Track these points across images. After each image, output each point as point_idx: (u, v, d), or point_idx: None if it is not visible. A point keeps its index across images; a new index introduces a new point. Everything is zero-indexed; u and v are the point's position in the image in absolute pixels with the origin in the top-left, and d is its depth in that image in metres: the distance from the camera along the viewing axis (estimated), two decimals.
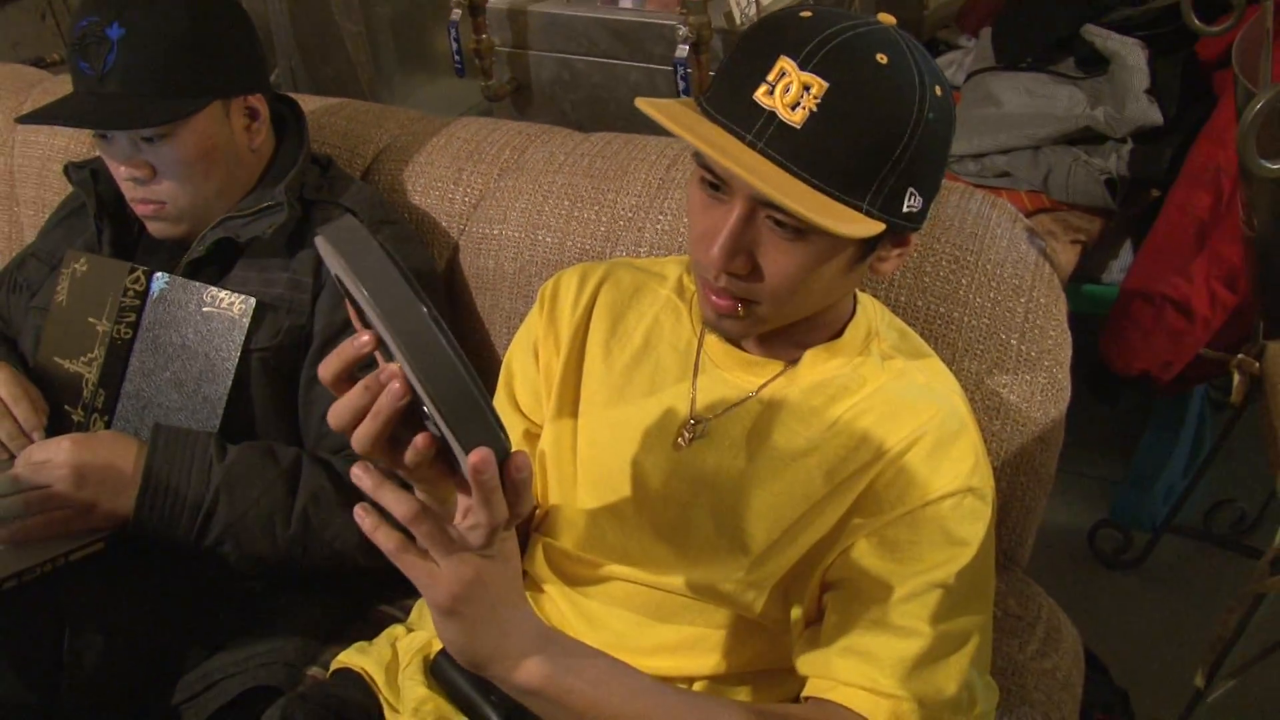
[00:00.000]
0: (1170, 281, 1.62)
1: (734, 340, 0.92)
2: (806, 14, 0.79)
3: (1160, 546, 1.91)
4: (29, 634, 1.03)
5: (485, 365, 1.40)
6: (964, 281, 1.08)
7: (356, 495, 0.68)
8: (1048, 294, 1.08)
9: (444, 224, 1.39)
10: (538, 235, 1.32)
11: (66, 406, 1.24)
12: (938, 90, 0.79)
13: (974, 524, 0.86)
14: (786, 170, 0.76)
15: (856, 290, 0.97)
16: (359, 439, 0.65)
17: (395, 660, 1.03)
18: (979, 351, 1.07)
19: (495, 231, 1.35)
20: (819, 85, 0.75)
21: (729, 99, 0.78)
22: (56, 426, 1.22)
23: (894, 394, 0.91)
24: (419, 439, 0.64)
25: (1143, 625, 1.83)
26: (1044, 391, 1.05)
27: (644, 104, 0.78)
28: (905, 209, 0.80)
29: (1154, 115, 1.67)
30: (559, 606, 1.00)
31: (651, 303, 1.02)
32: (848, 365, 0.93)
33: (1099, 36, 1.77)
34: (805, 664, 0.85)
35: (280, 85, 2.43)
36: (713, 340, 0.96)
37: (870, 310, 0.97)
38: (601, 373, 1.00)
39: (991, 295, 1.07)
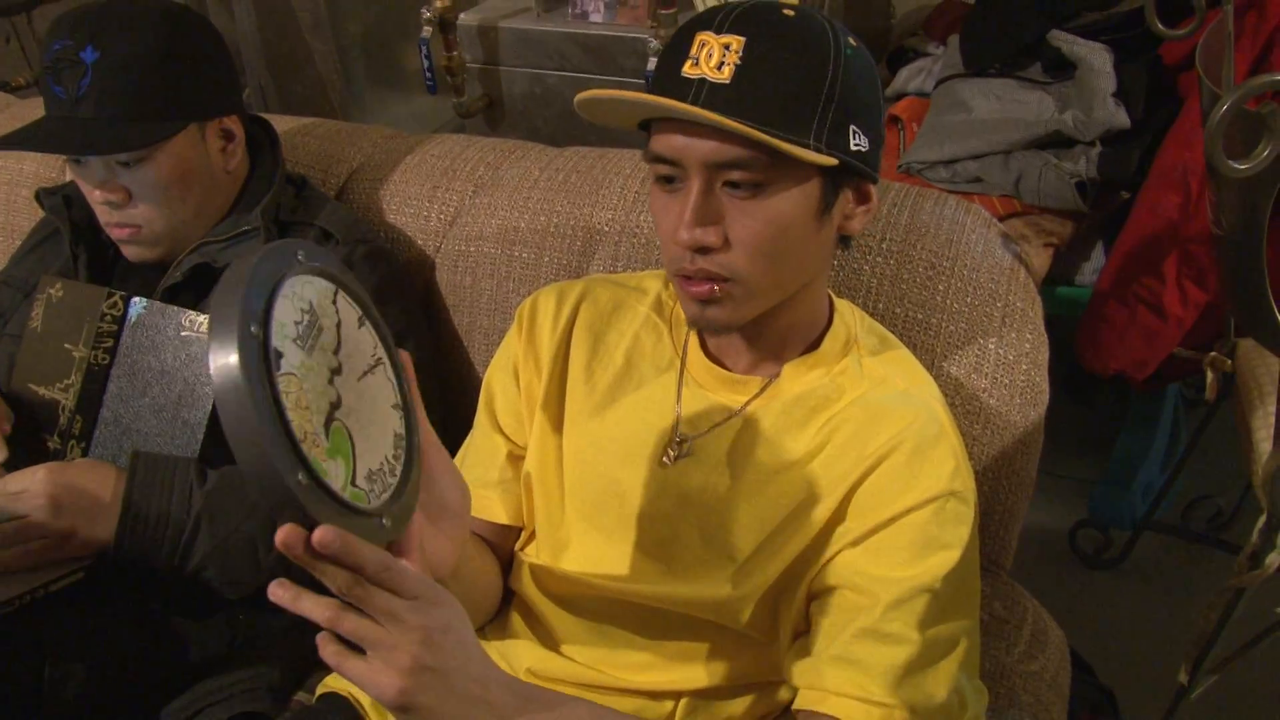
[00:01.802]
0: (1142, 281, 1.64)
1: (721, 331, 0.90)
2: (716, 2, 0.84)
3: (1139, 545, 1.93)
4: (8, 666, 1.02)
5: (465, 383, 1.39)
6: (941, 287, 1.09)
7: None
8: (1024, 298, 1.09)
9: (420, 241, 1.39)
10: (514, 251, 1.32)
11: (44, 434, 1.23)
12: (851, 40, 0.84)
13: (957, 528, 0.87)
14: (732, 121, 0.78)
15: (833, 296, 0.98)
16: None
17: None
18: (958, 356, 1.08)
19: (472, 248, 1.35)
20: (737, 41, 0.80)
21: (663, 84, 0.83)
22: (33, 455, 1.20)
23: (873, 402, 0.91)
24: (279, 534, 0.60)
25: (1125, 623, 1.85)
26: (1022, 394, 1.06)
27: (584, 95, 0.83)
28: (853, 146, 0.83)
29: (1121, 118, 1.69)
30: (548, 625, 1.00)
31: (631, 321, 1.02)
32: (827, 376, 0.93)
33: (1065, 42, 1.79)
34: (796, 675, 0.85)
35: (251, 104, 2.42)
36: (695, 359, 0.97)
37: (848, 316, 0.97)
38: (584, 393, 1.00)
39: (969, 300, 1.08)
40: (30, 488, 1.04)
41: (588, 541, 0.98)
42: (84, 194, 1.19)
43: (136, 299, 1.20)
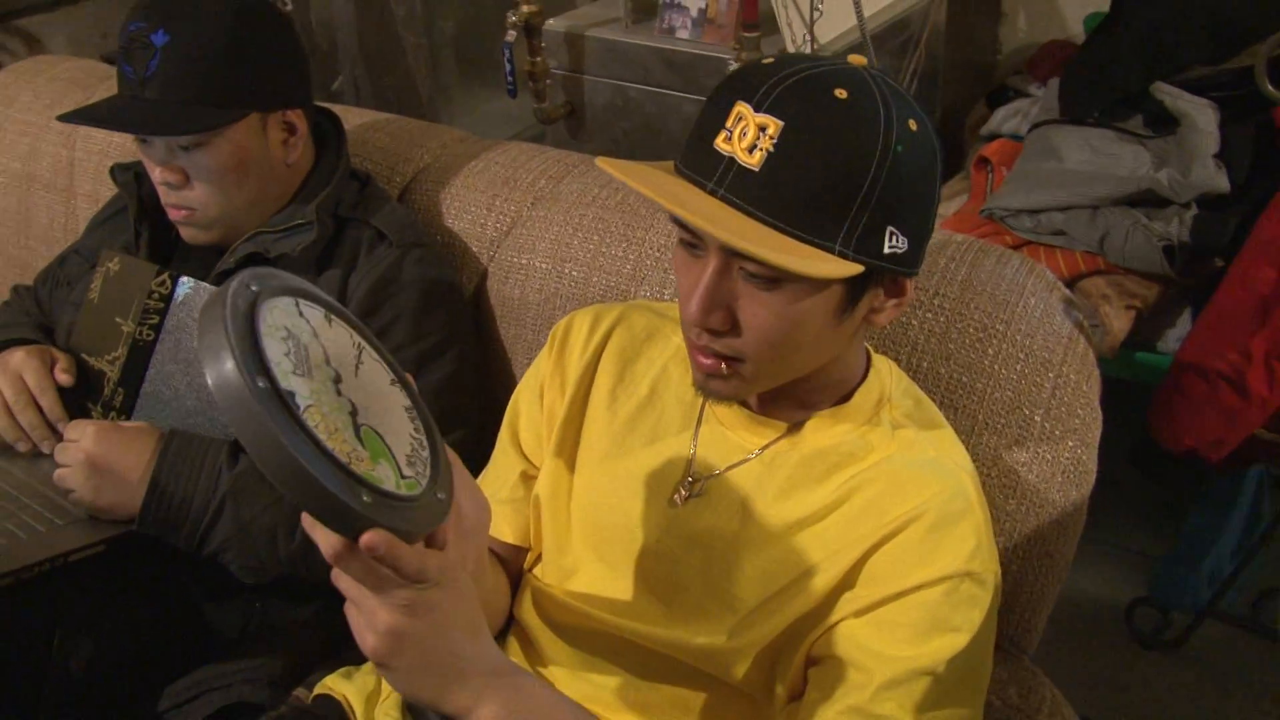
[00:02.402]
0: (1226, 356, 1.55)
1: (724, 402, 0.89)
2: (768, 60, 0.78)
3: (1201, 631, 1.82)
4: (19, 633, 1.05)
5: (506, 396, 1.37)
6: (990, 351, 1.04)
7: None
8: (1079, 370, 1.04)
9: (474, 249, 1.39)
10: (564, 268, 1.31)
11: (89, 403, 1.26)
12: (911, 124, 0.76)
13: (970, 611, 0.82)
14: (749, 215, 0.74)
15: (871, 351, 0.94)
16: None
17: (378, 691, 1.02)
18: (999, 426, 1.02)
19: (524, 261, 1.34)
20: (774, 125, 0.73)
21: (694, 151, 0.77)
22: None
23: (899, 466, 0.87)
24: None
25: (1176, 712, 1.75)
26: (1065, 473, 1.01)
27: (606, 164, 0.77)
28: (887, 249, 0.77)
29: (1221, 182, 1.60)
30: (541, 651, 0.99)
31: (662, 350, 1.00)
32: (854, 432, 0.90)
33: (1169, 95, 1.71)
34: None
35: (343, 94, 2.46)
36: None
37: (885, 375, 0.93)
38: (605, 420, 0.98)
39: (1018, 368, 1.03)
40: (80, 441, 1.08)
41: (593, 571, 0.96)
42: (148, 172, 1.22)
43: (185, 279, 1.22)
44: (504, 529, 1.02)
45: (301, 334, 0.64)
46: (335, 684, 1.03)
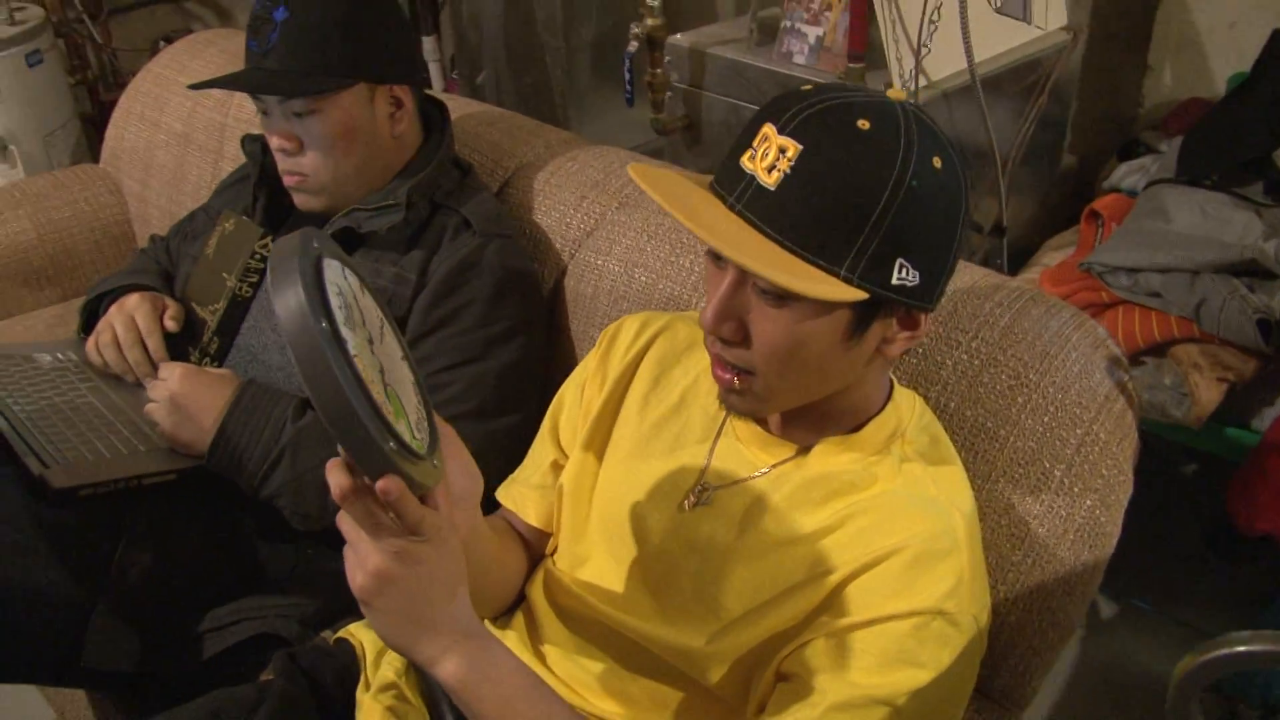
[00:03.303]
0: None
1: (743, 416, 0.93)
2: (807, 87, 0.81)
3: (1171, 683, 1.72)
4: (88, 537, 1.16)
5: None
6: (1020, 400, 1.04)
7: None
8: (1111, 431, 1.02)
9: (558, 245, 1.45)
10: (634, 273, 1.36)
11: (189, 347, 1.39)
12: (935, 161, 0.78)
13: (938, 650, 0.83)
14: (761, 233, 0.77)
15: (896, 384, 0.95)
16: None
17: None
18: (1017, 475, 1.02)
19: (599, 262, 1.40)
20: (794, 148, 0.76)
21: (724, 167, 0.82)
22: (176, 359, 1.36)
23: (896, 500, 0.89)
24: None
25: None
26: (1079, 531, 0.99)
27: (635, 171, 0.82)
28: (896, 280, 0.78)
29: None
30: (542, 632, 1.04)
31: (698, 361, 1.04)
32: (860, 461, 0.91)
33: None
34: None
35: (484, 89, 2.58)
36: None
37: (904, 409, 0.95)
38: (635, 422, 1.03)
39: (1045, 419, 1.02)
40: (168, 379, 1.19)
41: (602, 563, 1.01)
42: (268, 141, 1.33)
43: None
44: (529, 511, 1.07)
45: (347, 294, 0.71)
46: (356, 630, 1.10)
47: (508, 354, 1.27)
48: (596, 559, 1.01)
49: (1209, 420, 1.62)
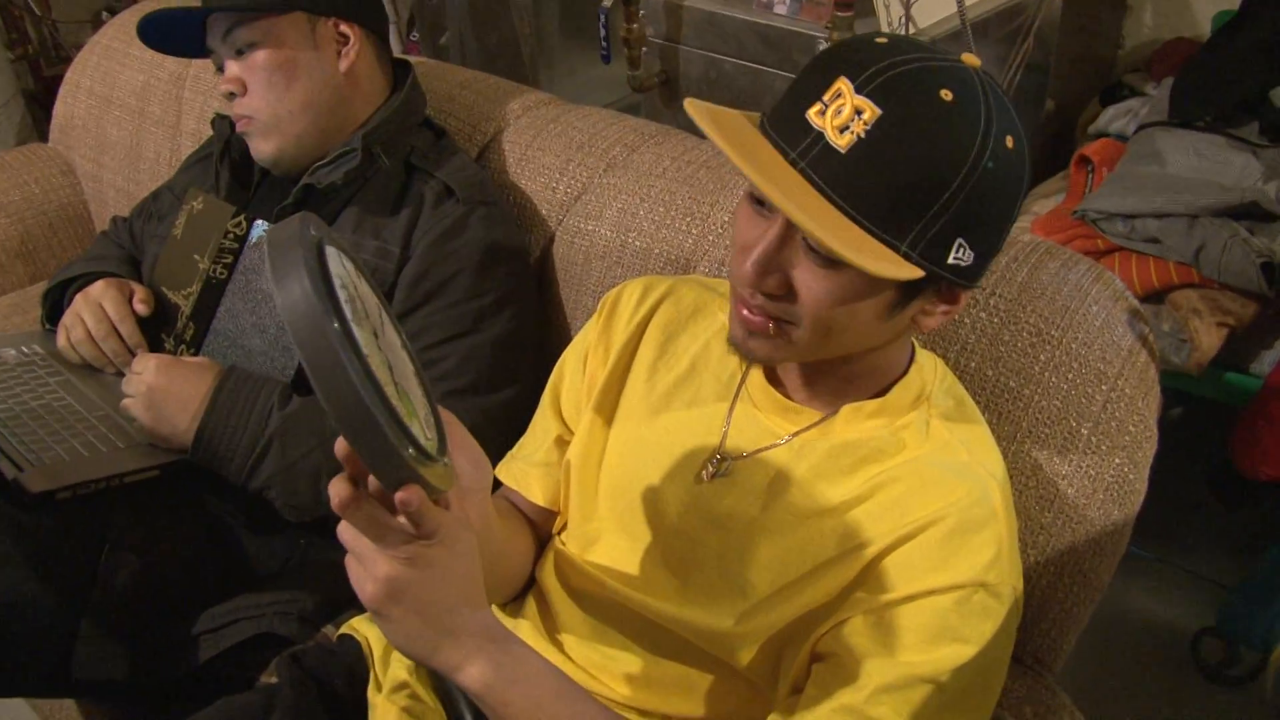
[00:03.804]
0: None
1: (758, 362, 0.88)
2: (882, 40, 0.75)
3: (1270, 670, 1.73)
4: (72, 543, 1.10)
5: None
6: (1042, 357, 1.00)
7: None
8: (1136, 385, 0.99)
9: (544, 212, 1.40)
10: (628, 238, 1.31)
11: (162, 334, 1.32)
12: (1008, 141, 0.73)
13: (981, 622, 0.80)
14: (824, 196, 0.72)
15: (917, 347, 0.92)
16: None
17: None
18: (1043, 435, 0.99)
19: (590, 227, 1.35)
20: (871, 111, 0.71)
21: (785, 114, 0.75)
22: (151, 348, 1.30)
23: (928, 467, 0.85)
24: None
25: None
26: (1109, 490, 0.97)
27: (693, 107, 0.75)
28: (951, 260, 0.75)
29: None
30: (556, 617, 1.00)
31: (707, 326, 0.99)
32: (887, 427, 0.88)
33: None
34: None
35: (448, 50, 2.49)
36: (755, 378, 0.93)
37: (927, 371, 0.91)
38: (643, 391, 0.98)
39: (1070, 376, 0.99)
40: (143, 373, 1.13)
41: (615, 542, 0.97)
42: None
43: (260, 222, 1.26)
44: (535, 490, 1.03)
45: (349, 285, 0.66)
46: (360, 625, 1.06)
47: (500, 325, 1.22)
48: (609, 538, 0.97)
49: (1210, 366, 1.60)
